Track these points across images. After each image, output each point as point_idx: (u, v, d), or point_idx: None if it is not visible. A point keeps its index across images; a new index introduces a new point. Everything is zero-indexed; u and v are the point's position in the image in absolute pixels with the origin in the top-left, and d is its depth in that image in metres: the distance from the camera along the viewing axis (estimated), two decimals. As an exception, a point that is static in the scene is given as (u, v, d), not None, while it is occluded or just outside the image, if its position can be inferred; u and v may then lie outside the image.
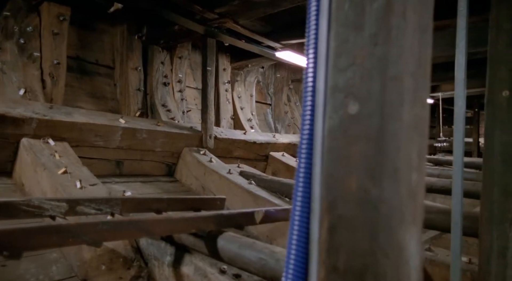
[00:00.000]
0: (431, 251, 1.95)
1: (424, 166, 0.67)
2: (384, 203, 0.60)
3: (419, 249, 0.64)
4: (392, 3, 0.60)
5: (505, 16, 1.41)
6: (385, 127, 0.60)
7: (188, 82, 4.01)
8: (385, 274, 0.59)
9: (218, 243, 1.25)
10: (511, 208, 1.35)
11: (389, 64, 0.61)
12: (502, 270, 1.34)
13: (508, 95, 1.40)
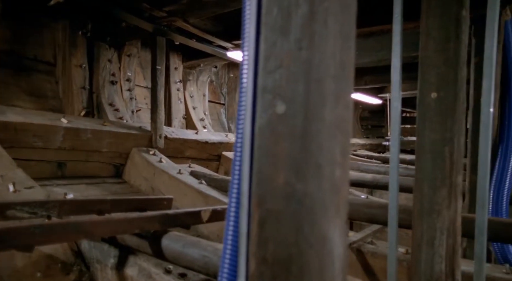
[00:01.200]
0: (373, 244, 2.07)
1: (348, 162, 0.73)
2: (308, 197, 0.65)
3: (343, 239, 0.70)
4: (315, 11, 0.65)
5: (433, 24, 1.54)
6: (308, 126, 0.65)
7: (138, 81, 3.92)
8: (309, 264, 0.64)
9: (162, 242, 1.25)
10: (438, 201, 1.47)
11: (312, 68, 0.66)
12: (430, 258, 1.46)
13: (436, 97, 1.53)
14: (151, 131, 3.11)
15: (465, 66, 1.52)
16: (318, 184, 0.65)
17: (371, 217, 2.07)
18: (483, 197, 1.49)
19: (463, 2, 1.50)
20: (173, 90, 4.22)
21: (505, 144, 2.44)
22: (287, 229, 0.65)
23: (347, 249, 1.99)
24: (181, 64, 4.38)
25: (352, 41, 0.72)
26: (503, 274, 1.68)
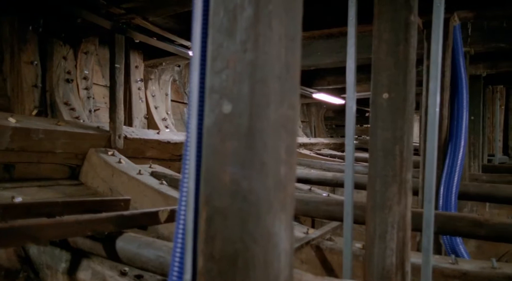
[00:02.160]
0: (331, 241, 2.14)
1: (294, 160, 0.77)
2: (253, 194, 0.67)
3: (289, 234, 0.74)
4: (259, 14, 0.68)
5: (384, 28, 1.61)
6: (253, 125, 0.68)
7: (96, 79, 3.81)
8: (254, 258, 0.67)
9: (117, 244, 1.24)
10: (390, 196, 1.55)
11: (257, 69, 0.68)
12: (382, 251, 1.54)
13: (387, 97, 1.60)
14: (109, 131, 3.04)
15: (414, 69, 1.62)
16: (263, 181, 0.68)
17: (330, 214, 2.15)
18: (430, 192, 1.59)
19: (412, 8, 1.59)
20: (133, 89, 4.13)
21: (454, 142, 2.61)
22: (233, 226, 0.68)
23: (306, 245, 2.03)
24: (142, 62, 4.30)
25: (298, 44, 0.76)
26: (449, 264, 1.79)
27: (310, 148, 6.65)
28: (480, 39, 3.69)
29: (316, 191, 3.46)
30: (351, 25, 1.83)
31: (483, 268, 1.72)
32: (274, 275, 0.69)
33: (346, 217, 1.74)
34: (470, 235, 1.85)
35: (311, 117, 9.04)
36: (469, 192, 2.75)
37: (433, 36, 1.61)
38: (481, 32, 3.66)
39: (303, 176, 3.33)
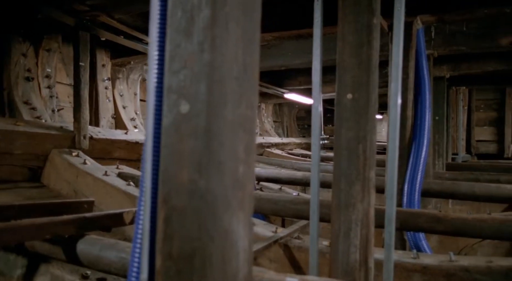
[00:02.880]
0: (299, 239, 2.18)
1: (253, 159, 0.79)
2: (210, 193, 0.69)
3: (248, 232, 0.75)
4: (216, 15, 0.69)
5: (348, 30, 1.67)
6: (210, 125, 0.69)
7: (60, 78, 3.69)
8: (212, 257, 0.68)
9: (78, 247, 1.21)
10: (353, 194, 1.60)
11: (214, 69, 0.70)
12: (347, 249, 1.59)
13: (351, 98, 1.66)
14: (74, 131, 2.95)
15: (377, 70, 1.68)
16: (220, 180, 0.69)
17: (298, 213, 2.19)
18: (392, 190, 1.65)
19: (374, 11, 1.65)
20: (100, 88, 4.04)
21: (418, 141, 2.72)
22: (191, 224, 0.69)
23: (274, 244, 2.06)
24: (110, 61, 4.21)
25: (256, 45, 0.78)
26: (411, 259, 1.87)
27: (282, 147, 6.72)
28: (442, 42, 3.86)
29: (286, 191, 3.51)
30: (317, 27, 1.88)
31: (441, 262, 1.81)
32: (233, 273, 0.71)
33: (312, 215, 1.78)
34: (430, 230, 1.94)
35: (283, 117, 9.13)
36: (432, 189, 2.88)
37: (394, 39, 1.68)
38: (444, 36, 3.83)
39: (273, 176, 3.37)
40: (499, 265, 1.72)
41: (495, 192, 2.67)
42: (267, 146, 6.15)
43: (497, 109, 9.09)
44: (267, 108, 7.85)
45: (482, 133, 9.18)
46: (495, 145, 9.06)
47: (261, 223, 2.36)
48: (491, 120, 9.13)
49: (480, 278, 1.71)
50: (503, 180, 3.53)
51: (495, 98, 9.09)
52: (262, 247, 1.88)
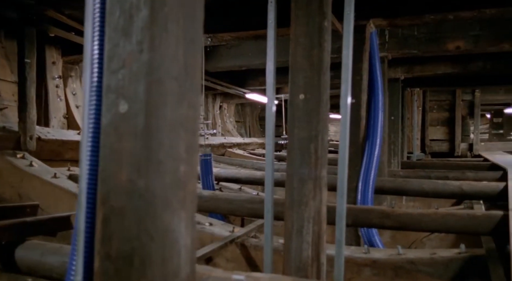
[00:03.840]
0: (256, 238, 2.22)
1: (195, 159, 0.80)
2: (149, 192, 0.69)
3: (191, 230, 0.77)
4: (155, 15, 0.70)
5: (300, 32, 1.72)
6: (150, 125, 0.70)
7: (4, 75, 3.50)
8: (151, 256, 0.69)
9: (16, 254, 1.16)
10: (306, 193, 1.65)
11: (153, 69, 0.71)
12: (299, 246, 1.64)
13: (303, 98, 1.71)
14: (19, 132, 2.81)
15: (328, 71, 1.74)
16: (160, 180, 0.70)
17: (254, 212, 2.22)
18: (342, 187, 1.72)
19: (325, 14, 1.71)
20: (50, 87, 3.86)
21: (371, 140, 2.84)
22: (130, 224, 0.69)
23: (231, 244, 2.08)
24: (61, 58, 4.04)
25: (198, 46, 0.79)
26: (362, 254, 1.96)
27: (244, 147, 6.76)
28: (396, 45, 4.05)
29: (246, 190, 3.54)
30: (271, 28, 1.92)
31: (390, 255, 1.91)
32: (174, 271, 0.72)
33: (267, 214, 1.82)
34: (379, 226, 2.04)
35: (245, 117, 9.17)
36: (385, 187, 3.01)
37: (344, 42, 1.75)
38: (397, 39, 4.02)
39: (232, 176, 3.39)
40: (441, 256, 1.84)
41: (442, 188, 2.84)
42: (228, 146, 6.16)
43: (448, 110, 9.64)
44: (229, 108, 7.86)
45: (435, 132, 9.70)
46: (447, 144, 9.60)
47: (218, 223, 2.37)
48: (443, 121, 9.66)
49: (424, 269, 1.83)
50: (451, 177, 3.75)
51: (447, 99, 9.64)
52: (218, 246, 1.89)
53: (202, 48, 0.78)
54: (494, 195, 2.70)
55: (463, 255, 1.83)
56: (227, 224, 2.42)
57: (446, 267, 1.82)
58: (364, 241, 2.59)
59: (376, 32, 3.13)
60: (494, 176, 3.68)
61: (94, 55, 0.78)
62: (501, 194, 2.57)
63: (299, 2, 1.71)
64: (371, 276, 1.90)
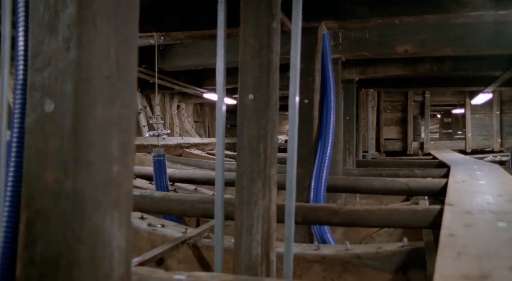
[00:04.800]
0: (209, 238, 2.22)
1: (131, 158, 0.79)
2: (77, 193, 0.68)
3: (125, 231, 0.76)
4: (83, 12, 0.69)
5: (249, 32, 1.73)
6: (78, 125, 0.69)
7: None
8: (79, 259, 0.68)
9: None
10: (255, 192, 1.68)
11: (82, 68, 0.69)
12: (249, 244, 1.66)
13: (252, 98, 1.73)
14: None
15: (277, 72, 1.78)
16: (89, 180, 0.69)
17: (206, 212, 2.22)
18: (291, 186, 1.76)
19: (274, 16, 1.74)
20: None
21: (323, 140, 2.92)
22: (56, 227, 0.67)
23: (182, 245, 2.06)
24: None
25: (133, 44, 0.79)
26: (312, 250, 2.02)
27: (202, 148, 6.71)
28: (349, 47, 4.18)
29: (202, 191, 3.52)
30: (221, 28, 1.93)
31: (338, 251, 1.99)
32: (105, 273, 0.71)
33: (217, 213, 1.82)
34: (328, 223, 2.11)
35: (205, 117, 9.10)
36: (337, 185, 3.11)
37: (292, 43, 1.79)
38: (350, 41, 4.16)
39: (188, 176, 3.36)
40: (385, 250, 1.94)
41: (390, 185, 2.98)
42: (186, 146, 6.09)
43: (401, 110, 10.09)
44: (187, 108, 7.77)
45: (389, 132, 10.12)
46: (400, 143, 10.05)
47: (171, 224, 2.35)
48: (396, 120, 10.10)
49: (370, 263, 1.91)
50: (401, 174, 3.92)
51: (400, 100, 10.09)
52: (168, 248, 1.87)
53: (136, 47, 0.77)
54: (437, 191, 2.86)
55: (405, 248, 1.94)
56: (180, 225, 2.40)
57: (390, 260, 1.92)
58: (316, 238, 2.66)
59: (328, 34, 3.22)
60: (439, 173, 3.89)
61: (19, 52, 0.76)
62: (442, 189, 2.73)
63: (248, 3, 1.73)
64: (320, 271, 1.97)
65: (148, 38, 2.92)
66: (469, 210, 1.70)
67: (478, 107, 9.27)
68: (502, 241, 1.19)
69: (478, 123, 9.65)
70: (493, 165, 4.31)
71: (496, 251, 1.09)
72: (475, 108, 9.43)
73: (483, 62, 5.13)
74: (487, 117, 9.59)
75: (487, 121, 9.60)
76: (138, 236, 2.04)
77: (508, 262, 0.99)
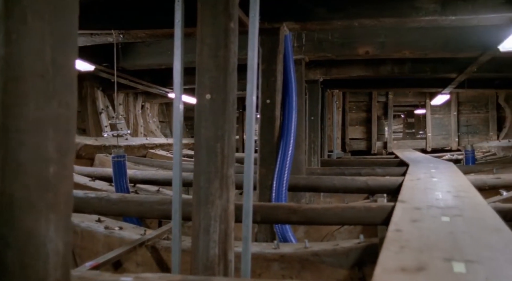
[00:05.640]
0: (168, 240, 2.19)
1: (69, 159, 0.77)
2: (5, 196, 0.66)
3: (63, 234, 0.74)
4: (11, 7, 0.67)
5: (207, 32, 1.73)
6: (7, 124, 0.67)
7: None
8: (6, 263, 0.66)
9: None
10: (212, 192, 1.68)
11: (11, 66, 0.67)
12: (206, 245, 1.66)
13: (210, 98, 1.73)
14: None
15: (235, 72, 1.79)
16: (20, 182, 0.67)
17: (165, 213, 2.19)
18: (248, 185, 1.78)
19: (231, 16, 1.75)
20: None
21: (285, 139, 2.96)
22: (-18, 231, 0.65)
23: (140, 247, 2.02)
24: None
25: (72, 43, 0.77)
26: (272, 249, 2.05)
27: (167, 148, 6.61)
28: (312, 48, 4.26)
29: (164, 192, 3.47)
30: (178, 27, 1.92)
31: (297, 249, 2.02)
32: (38, 278, 0.69)
33: (174, 214, 1.81)
34: (287, 221, 2.14)
35: (170, 117, 8.97)
36: (299, 184, 3.17)
37: (249, 44, 1.81)
38: (313, 42, 4.24)
39: (149, 177, 3.31)
40: (342, 247, 2.00)
41: (350, 184, 3.07)
42: (150, 147, 5.99)
43: (366, 111, 10.39)
44: (152, 108, 7.64)
45: (354, 132, 10.39)
46: (365, 142, 10.34)
47: (129, 227, 2.31)
48: (361, 121, 10.39)
49: (327, 260, 1.96)
50: (363, 173, 4.03)
51: (364, 100, 10.38)
52: (124, 250, 1.84)
53: (76, 45, 0.76)
54: (394, 189, 2.97)
55: (361, 244, 2.00)
56: (139, 227, 2.36)
57: (346, 256, 1.98)
58: (278, 237, 2.69)
59: (290, 35, 3.26)
60: (399, 171, 4.03)
61: None
62: (399, 187, 2.84)
63: (205, 3, 1.73)
64: (279, 270, 2.00)
65: (107, 36, 2.85)
66: (418, 206, 1.78)
67: (437, 108, 9.72)
68: (443, 235, 1.26)
69: (438, 123, 10.11)
70: (447, 163, 4.53)
71: (436, 244, 1.15)
72: (435, 109, 9.88)
73: (439, 64, 5.38)
74: (445, 118, 10.06)
75: (445, 122, 10.07)
76: (94, 240, 1.99)
77: (444, 254, 1.04)
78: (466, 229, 1.33)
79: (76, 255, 1.99)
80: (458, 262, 0.97)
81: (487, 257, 1.01)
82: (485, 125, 9.77)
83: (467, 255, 1.04)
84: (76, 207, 2.16)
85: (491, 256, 1.02)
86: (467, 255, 1.03)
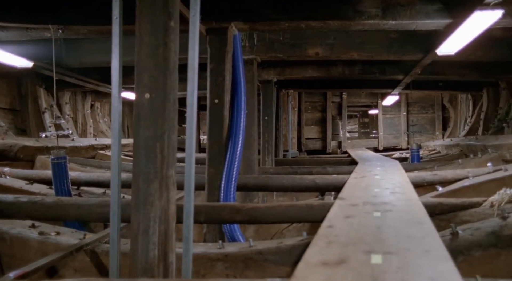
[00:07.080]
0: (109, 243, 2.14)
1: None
2: None
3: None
4: None
5: (145, 30, 1.71)
6: None
7: None
8: None
9: None
10: (152, 193, 1.66)
11: None
12: (146, 247, 1.64)
13: (149, 97, 1.71)
14: None
15: (175, 71, 1.78)
16: None
17: (106, 216, 2.13)
18: (189, 185, 1.77)
19: (171, 14, 1.74)
20: None
21: (233, 139, 2.98)
22: None
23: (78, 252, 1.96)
24: None
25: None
26: (216, 249, 2.05)
27: (119, 149, 6.41)
28: (263, 48, 4.33)
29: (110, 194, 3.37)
30: (116, 24, 1.87)
31: (241, 248, 2.05)
32: None
33: (113, 216, 1.77)
34: (231, 221, 2.16)
35: (124, 117, 8.73)
36: (249, 184, 3.20)
37: (190, 43, 1.80)
38: (264, 43, 4.30)
39: (94, 179, 3.20)
40: (286, 244, 2.04)
41: (298, 182, 3.14)
42: (100, 148, 5.79)
43: (321, 111, 10.68)
44: (103, 107, 7.39)
45: (310, 131, 10.65)
46: (320, 142, 10.63)
47: (68, 231, 2.22)
48: (317, 120, 10.67)
49: (270, 258, 2.00)
50: (315, 172, 4.14)
51: (320, 101, 10.67)
52: (58, 257, 1.77)
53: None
54: (340, 186, 3.07)
55: (304, 241, 2.06)
56: (79, 232, 2.28)
57: (289, 254, 2.02)
58: (226, 236, 2.71)
59: (239, 35, 3.29)
60: (349, 170, 4.17)
61: None
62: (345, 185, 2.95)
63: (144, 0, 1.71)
64: (223, 270, 2.01)
65: (44, 31, 2.72)
66: (355, 202, 1.87)
67: (388, 108, 10.18)
68: (370, 229, 1.33)
69: (389, 123, 10.60)
70: (394, 162, 4.76)
71: (362, 238, 1.22)
72: (386, 109, 10.34)
73: (387, 67, 5.65)
74: (396, 118, 10.57)
75: (396, 121, 10.58)
76: (26, 247, 1.90)
77: (366, 247, 1.11)
78: (392, 223, 1.41)
79: (4, 264, 1.89)
80: (376, 254, 1.04)
81: (404, 248, 1.09)
82: (431, 125, 10.38)
83: (387, 247, 1.10)
84: (5, 213, 2.06)
85: (408, 247, 1.10)
86: (387, 247, 1.10)
